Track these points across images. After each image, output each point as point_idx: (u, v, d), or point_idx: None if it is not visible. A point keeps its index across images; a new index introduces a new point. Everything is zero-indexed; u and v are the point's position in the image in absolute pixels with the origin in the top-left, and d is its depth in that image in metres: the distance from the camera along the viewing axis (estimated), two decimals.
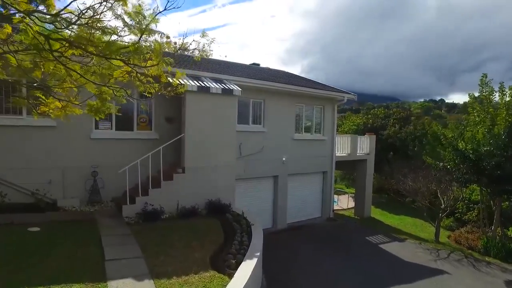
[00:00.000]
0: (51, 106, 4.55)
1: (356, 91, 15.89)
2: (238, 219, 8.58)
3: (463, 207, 14.13)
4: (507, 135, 11.27)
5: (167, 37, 4.36)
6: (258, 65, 17.66)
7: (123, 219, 7.89)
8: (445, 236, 13.59)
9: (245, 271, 5.59)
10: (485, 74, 12.58)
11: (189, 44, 4.89)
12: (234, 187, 10.30)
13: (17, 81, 5.48)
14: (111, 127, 9.27)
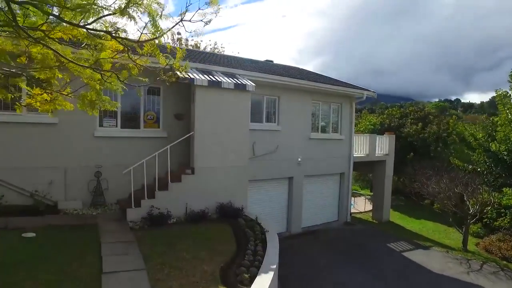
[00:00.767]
0: (38, 98, 3.94)
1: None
2: (251, 225, 7.88)
3: (493, 213, 13.11)
4: None
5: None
6: (272, 62, 16.94)
7: (128, 224, 7.28)
8: (473, 244, 12.59)
9: None
10: None
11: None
12: (247, 190, 9.61)
13: None
14: (116, 125, 8.70)
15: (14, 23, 2.80)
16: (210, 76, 8.82)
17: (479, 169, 11.83)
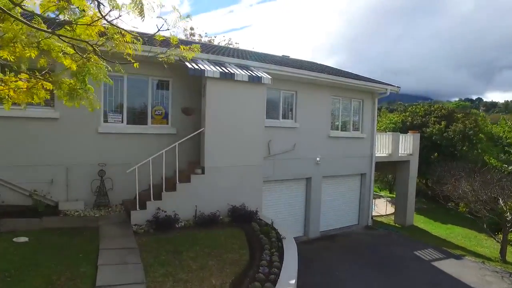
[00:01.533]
0: (11, 86, 3.31)
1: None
2: (267, 230, 7.15)
3: None
4: None
5: None
6: (288, 57, 16.15)
7: (131, 228, 6.68)
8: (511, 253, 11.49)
9: None
10: None
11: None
12: (262, 191, 8.88)
13: None
14: (122, 120, 8.12)
15: None
16: (223, 68, 8.13)
17: None
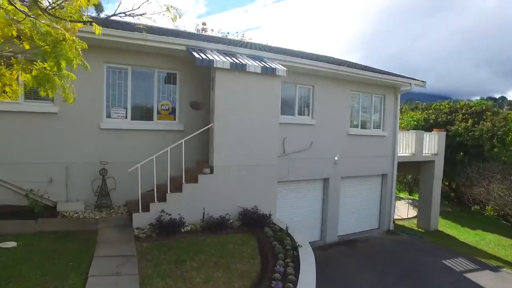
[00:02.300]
0: None
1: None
2: (281, 237, 6.47)
3: None
4: None
5: None
6: (304, 52, 15.37)
7: (133, 231, 6.12)
8: None
9: None
10: None
11: None
12: (276, 193, 8.20)
13: None
14: (126, 116, 7.59)
15: None
16: (234, 59, 7.49)
17: None
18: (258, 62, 7.76)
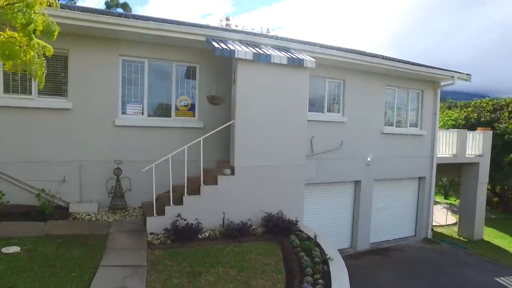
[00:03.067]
0: None
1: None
2: (308, 246, 5.76)
3: None
4: None
5: None
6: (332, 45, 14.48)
7: (146, 237, 5.61)
8: None
9: None
10: None
11: None
12: (303, 196, 7.48)
13: None
14: (142, 112, 7.14)
15: None
16: (257, 49, 6.84)
17: None
18: (284, 53, 7.07)
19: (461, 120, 19.34)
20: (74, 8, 7.13)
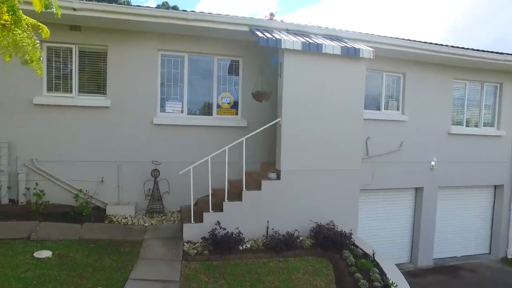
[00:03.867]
0: None
1: None
2: (365, 266, 4.89)
3: None
4: None
5: None
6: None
7: (183, 245, 5.13)
8: None
9: None
10: None
11: None
12: (358, 205, 6.58)
13: None
14: (182, 110, 6.72)
15: None
16: (306, 39, 6.08)
17: None
18: (337, 42, 6.24)
19: None
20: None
